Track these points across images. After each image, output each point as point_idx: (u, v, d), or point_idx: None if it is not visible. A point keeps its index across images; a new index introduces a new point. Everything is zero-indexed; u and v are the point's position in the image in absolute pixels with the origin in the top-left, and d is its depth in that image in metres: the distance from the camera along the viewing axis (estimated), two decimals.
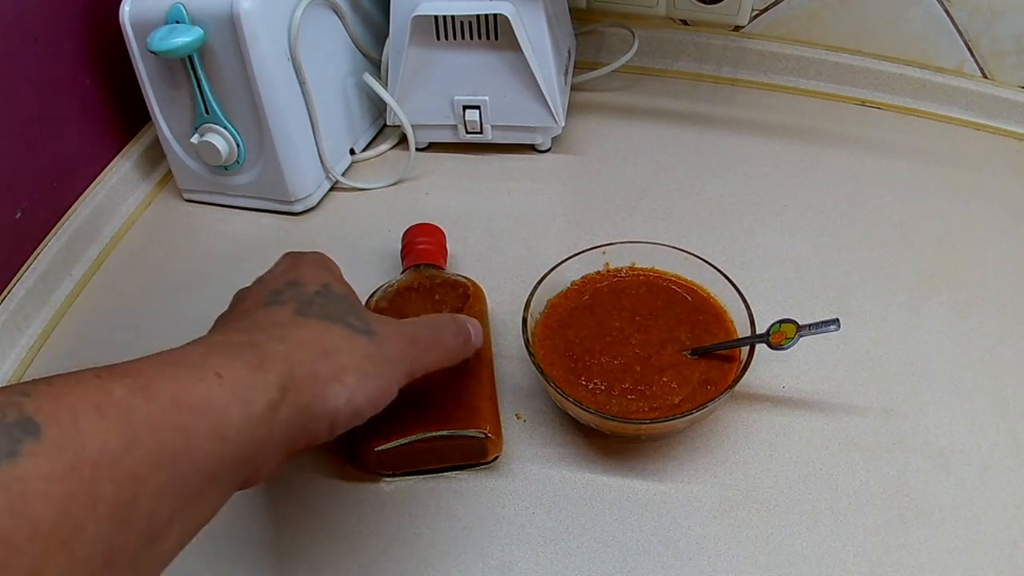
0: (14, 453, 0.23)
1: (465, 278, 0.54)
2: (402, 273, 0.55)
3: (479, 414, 0.46)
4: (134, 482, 0.25)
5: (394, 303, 0.51)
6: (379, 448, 0.44)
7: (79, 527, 0.24)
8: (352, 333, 0.37)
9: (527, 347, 0.48)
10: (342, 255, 0.45)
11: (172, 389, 0.28)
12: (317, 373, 0.34)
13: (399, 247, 0.57)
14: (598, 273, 0.54)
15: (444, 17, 0.63)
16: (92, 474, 0.24)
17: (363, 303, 0.46)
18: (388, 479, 0.48)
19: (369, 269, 0.61)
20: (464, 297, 0.52)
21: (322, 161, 0.67)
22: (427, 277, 0.53)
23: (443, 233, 0.58)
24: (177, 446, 0.27)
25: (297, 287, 0.39)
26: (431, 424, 0.45)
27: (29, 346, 0.58)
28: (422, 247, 0.56)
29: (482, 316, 0.52)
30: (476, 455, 0.47)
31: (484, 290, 0.53)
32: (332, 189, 0.70)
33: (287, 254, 0.43)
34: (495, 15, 0.62)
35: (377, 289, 0.53)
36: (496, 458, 0.48)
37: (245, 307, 0.38)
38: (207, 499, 0.29)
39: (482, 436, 0.45)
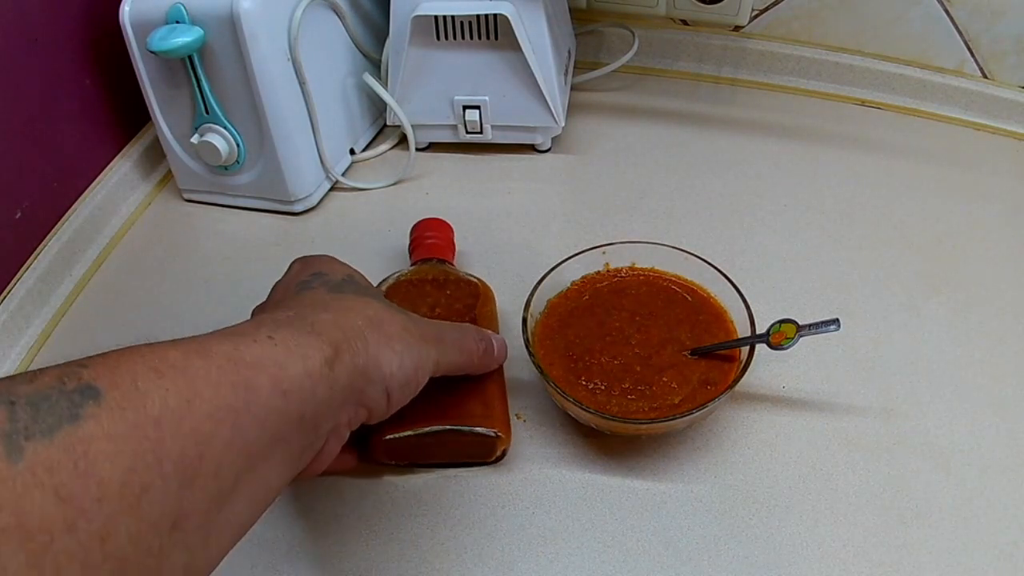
0: (77, 416, 0.23)
1: (475, 277, 0.54)
2: (411, 266, 0.55)
3: (492, 413, 0.46)
4: (198, 439, 0.25)
5: (406, 293, 0.51)
6: (390, 436, 0.44)
7: (146, 487, 0.24)
8: (390, 309, 0.38)
9: (527, 347, 0.48)
10: (342, 255, 0.45)
11: (227, 349, 0.29)
12: (368, 337, 0.35)
13: (400, 246, 0.57)
14: (598, 273, 0.54)
15: (444, 17, 0.63)
16: (156, 432, 0.24)
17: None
18: (392, 471, 0.48)
19: (369, 269, 0.60)
20: (475, 296, 0.52)
21: (322, 161, 0.67)
22: (439, 272, 0.53)
23: (452, 229, 0.58)
24: (239, 401, 0.27)
25: (323, 276, 0.40)
26: (444, 418, 0.45)
27: (29, 346, 0.58)
28: (432, 241, 0.55)
29: (492, 317, 0.52)
30: (483, 453, 0.47)
31: (492, 289, 0.53)
32: (332, 189, 0.70)
33: (297, 259, 0.44)
34: (495, 15, 0.62)
35: (386, 278, 0.53)
36: (501, 458, 0.48)
37: (276, 297, 0.40)
38: (273, 463, 0.29)
39: (493, 435, 0.46)
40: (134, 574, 0.24)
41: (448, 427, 0.45)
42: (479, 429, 0.45)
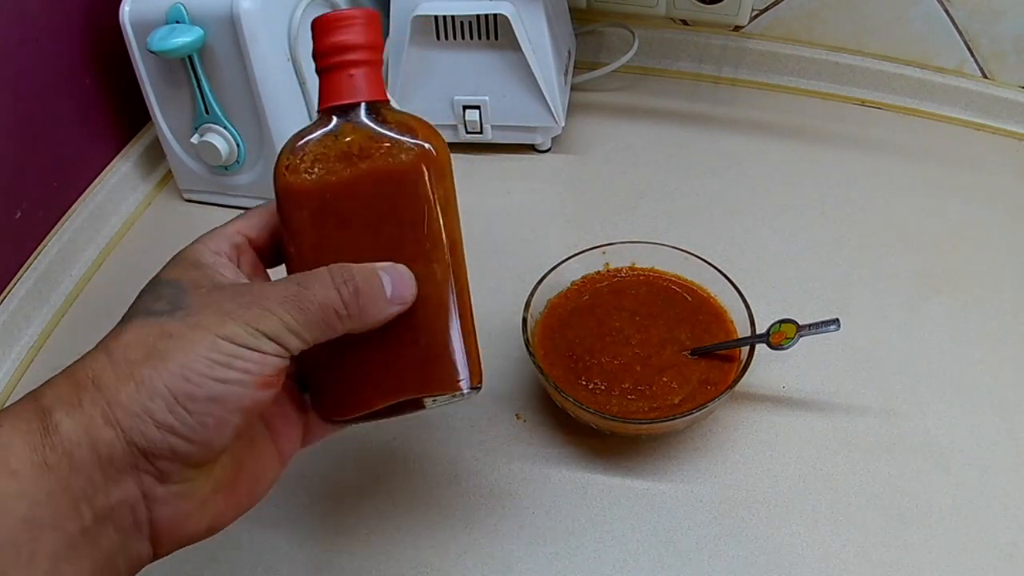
0: None
1: (410, 131, 0.35)
2: (316, 116, 0.36)
3: (454, 364, 0.35)
4: None
5: (296, 202, 0.34)
6: (340, 419, 0.35)
7: None
8: (146, 322, 0.30)
9: (527, 347, 0.48)
10: None
11: None
12: (102, 381, 0.29)
13: (312, 55, 0.35)
14: (598, 273, 0.54)
15: (444, 17, 0.63)
16: None
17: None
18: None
19: None
20: (403, 175, 0.33)
21: None
22: (352, 142, 0.34)
23: (378, 20, 0.35)
24: None
25: (148, 289, 0.33)
26: (399, 387, 0.34)
27: (29, 346, 0.58)
28: (346, 68, 0.34)
29: (434, 215, 0.34)
30: (451, 393, 0.35)
31: (444, 151, 0.35)
32: None
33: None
34: (495, 15, 0.62)
35: (277, 166, 0.35)
36: (475, 392, 0.36)
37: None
38: (47, 551, 0.27)
39: (466, 393, 0.35)
40: None
41: (401, 395, 0.34)
42: (444, 395, 0.35)
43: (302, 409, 0.36)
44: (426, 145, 0.34)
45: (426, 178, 0.34)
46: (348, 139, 0.34)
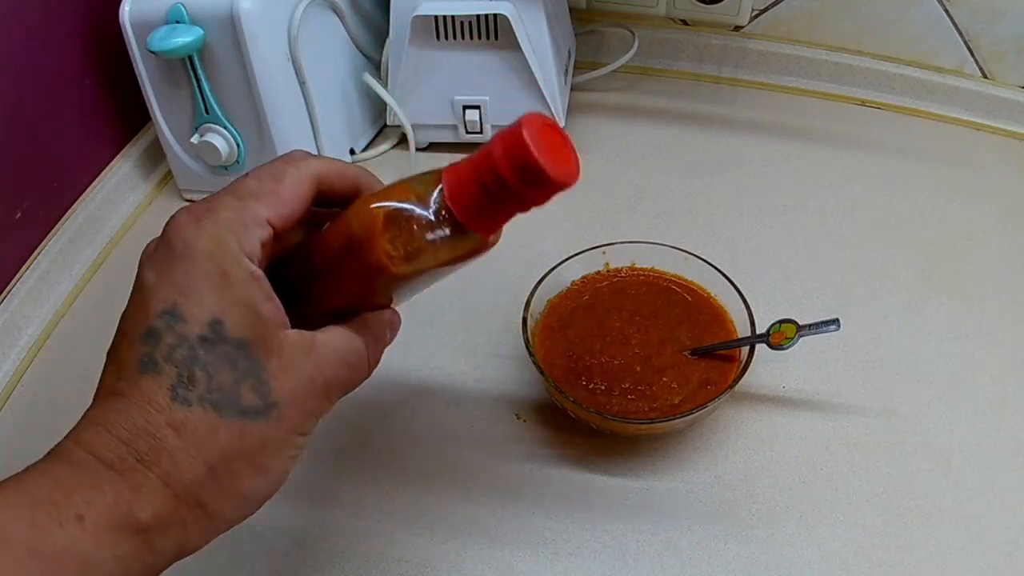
0: None
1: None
2: (436, 206, 0.33)
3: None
4: None
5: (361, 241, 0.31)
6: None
7: None
8: (245, 423, 0.28)
9: (527, 347, 0.48)
10: None
11: (28, 536, 0.25)
12: (202, 500, 0.28)
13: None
14: (598, 273, 0.54)
15: (444, 17, 0.63)
16: None
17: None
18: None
19: None
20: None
21: None
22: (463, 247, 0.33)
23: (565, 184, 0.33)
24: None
25: (175, 327, 0.29)
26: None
27: (29, 346, 0.58)
28: (515, 210, 0.34)
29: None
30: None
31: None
32: None
33: (149, 252, 0.33)
34: (495, 15, 0.62)
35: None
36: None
37: (119, 355, 0.30)
38: None
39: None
40: None
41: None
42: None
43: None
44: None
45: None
46: (459, 250, 0.32)
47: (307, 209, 0.32)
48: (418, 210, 0.31)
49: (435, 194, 0.32)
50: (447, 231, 0.31)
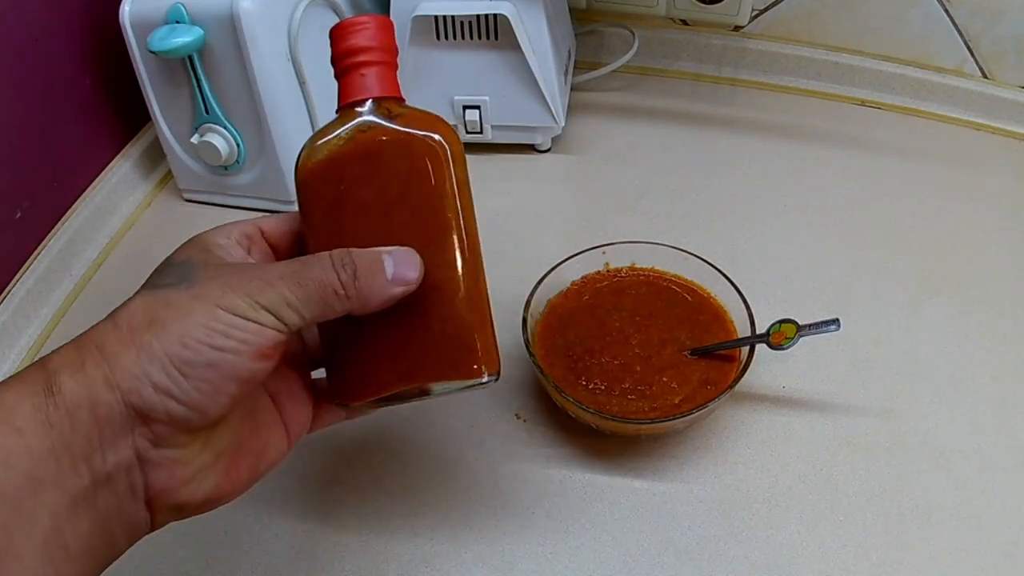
0: None
1: (423, 124, 0.35)
2: (335, 115, 0.37)
3: (476, 347, 0.35)
4: None
5: (320, 190, 0.35)
6: (352, 405, 0.36)
7: None
8: (152, 293, 0.32)
9: (527, 347, 0.48)
10: None
11: None
12: (105, 347, 0.30)
13: (330, 60, 0.38)
14: (598, 273, 0.54)
15: (444, 17, 0.63)
16: None
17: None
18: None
19: None
20: (415, 169, 0.35)
21: None
22: (367, 137, 0.35)
23: (391, 26, 0.37)
24: None
25: (159, 269, 0.35)
26: (413, 370, 0.35)
27: (29, 346, 0.58)
28: (361, 68, 0.36)
29: (441, 195, 0.35)
30: (471, 384, 0.36)
31: (458, 140, 0.36)
32: None
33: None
34: (495, 15, 0.62)
35: (301, 153, 0.36)
36: (491, 382, 0.36)
37: None
38: (49, 507, 0.28)
39: (482, 380, 0.35)
40: None
41: (414, 380, 0.35)
42: (459, 381, 0.35)
43: (311, 392, 0.37)
44: (435, 136, 0.35)
45: (430, 167, 0.35)
46: (362, 132, 0.35)
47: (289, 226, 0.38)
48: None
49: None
50: (341, 123, 0.36)
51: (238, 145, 0.64)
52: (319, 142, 0.36)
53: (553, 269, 0.52)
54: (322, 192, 0.35)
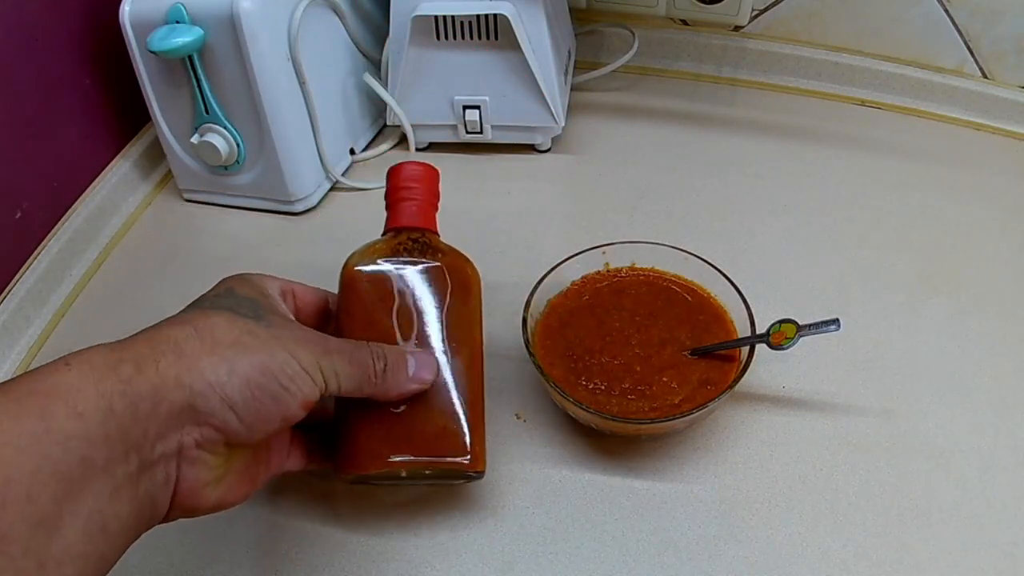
0: None
1: (454, 257, 0.45)
2: (382, 236, 0.46)
3: (468, 442, 0.41)
4: (2, 465, 0.27)
5: (362, 292, 0.43)
6: (350, 477, 0.41)
7: None
8: (234, 316, 0.36)
9: (527, 347, 0.48)
10: (342, 255, 0.45)
11: (26, 382, 0.30)
12: (183, 347, 0.33)
13: (384, 194, 0.48)
14: (598, 273, 0.54)
15: (444, 17, 0.63)
16: None
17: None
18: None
19: None
20: (444, 290, 0.43)
21: (322, 161, 0.67)
22: (408, 254, 0.44)
23: (438, 176, 0.47)
24: (37, 428, 0.28)
25: (205, 296, 0.38)
26: (411, 448, 0.40)
27: (29, 346, 0.58)
28: (408, 202, 0.45)
29: (469, 317, 0.44)
30: (456, 476, 0.43)
31: (479, 273, 0.46)
32: (332, 189, 0.70)
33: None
34: (495, 15, 0.62)
35: (346, 261, 0.45)
36: (477, 479, 0.44)
37: None
38: (97, 489, 0.29)
39: (471, 473, 0.42)
40: None
41: (417, 464, 0.40)
42: (453, 462, 0.41)
43: (301, 447, 0.43)
44: (456, 265, 0.45)
45: (448, 291, 0.44)
46: (399, 248, 0.44)
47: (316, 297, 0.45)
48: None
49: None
50: (384, 238, 0.46)
51: (238, 145, 0.64)
52: (368, 251, 0.44)
53: (553, 269, 0.52)
54: (366, 293, 0.43)
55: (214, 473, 0.35)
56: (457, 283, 0.44)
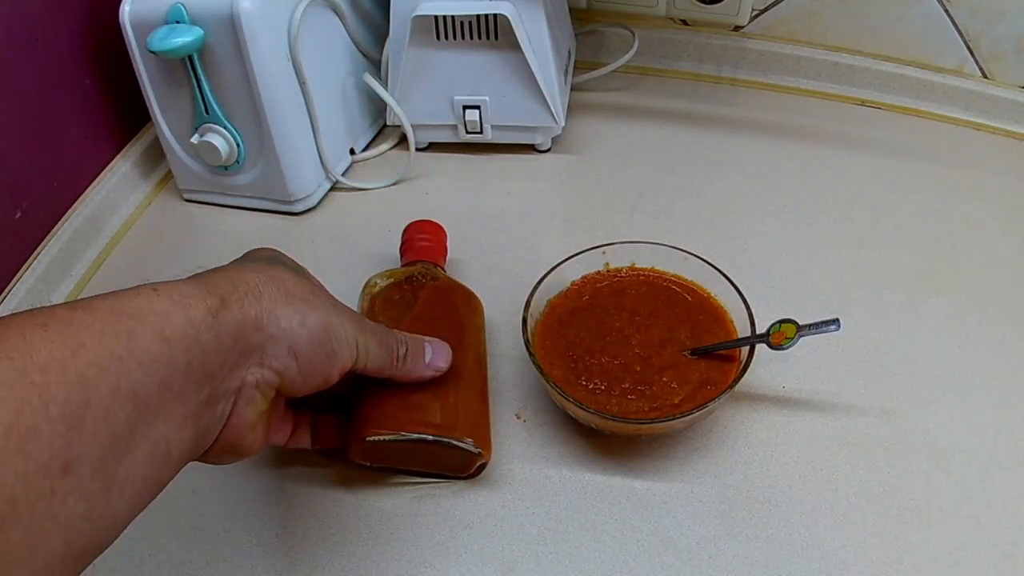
0: None
1: (462, 285, 0.53)
2: (401, 267, 0.54)
3: (477, 428, 0.45)
4: (83, 384, 0.27)
5: (385, 296, 0.50)
6: (372, 438, 0.43)
7: (32, 429, 0.25)
8: (298, 275, 0.38)
9: (527, 347, 0.48)
10: (342, 255, 0.45)
11: (111, 302, 0.30)
12: (263, 291, 0.35)
13: (399, 246, 0.57)
14: (598, 273, 0.54)
15: (444, 17, 0.63)
16: (41, 378, 0.26)
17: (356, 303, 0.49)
18: (369, 469, 0.48)
19: (369, 269, 0.60)
20: (454, 303, 0.51)
21: (322, 161, 0.67)
22: (424, 274, 0.52)
23: (445, 232, 0.57)
24: (121, 349, 0.28)
25: (249, 254, 0.42)
26: (429, 426, 0.43)
27: None
28: (423, 243, 0.55)
29: (473, 328, 0.50)
30: (461, 468, 0.46)
31: (482, 303, 0.53)
32: (332, 189, 0.70)
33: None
34: (495, 15, 0.62)
35: (370, 279, 0.52)
36: (477, 474, 0.47)
37: None
38: (168, 416, 0.30)
39: (476, 452, 0.44)
40: (26, 515, 0.25)
41: (432, 437, 0.43)
42: (463, 444, 0.44)
43: (297, 423, 0.45)
44: (464, 289, 0.52)
45: (457, 306, 0.51)
46: (414, 273, 0.52)
47: None
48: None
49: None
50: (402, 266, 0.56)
51: (238, 145, 0.64)
52: (387, 274, 0.52)
53: (553, 269, 0.52)
54: (387, 301, 0.50)
55: (260, 417, 0.36)
56: (463, 301, 0.51)
